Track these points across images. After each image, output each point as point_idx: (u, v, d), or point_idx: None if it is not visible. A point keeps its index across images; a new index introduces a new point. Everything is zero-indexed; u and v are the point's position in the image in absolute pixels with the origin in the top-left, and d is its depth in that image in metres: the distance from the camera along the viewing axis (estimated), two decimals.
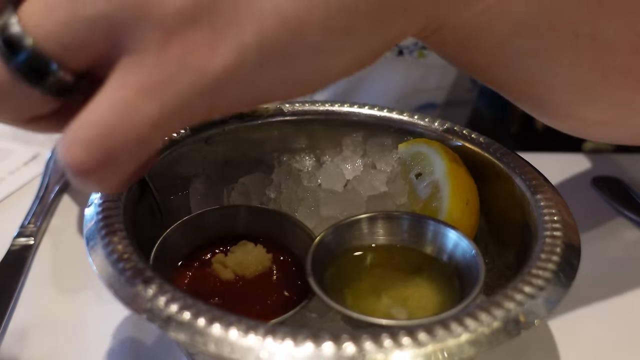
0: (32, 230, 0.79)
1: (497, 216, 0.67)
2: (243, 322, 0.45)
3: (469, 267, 0.55)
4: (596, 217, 0.85)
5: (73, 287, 0.71)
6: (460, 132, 0.71)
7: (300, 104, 0.75)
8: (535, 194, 0.60)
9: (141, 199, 0.62)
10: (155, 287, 0.47)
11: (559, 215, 0.57)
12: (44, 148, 0.98)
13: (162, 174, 0.67)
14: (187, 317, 0.45)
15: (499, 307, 0.47)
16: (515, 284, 0.50)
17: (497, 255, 0.65)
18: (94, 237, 0.53)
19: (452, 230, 0.58)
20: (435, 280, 0.57)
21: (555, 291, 0.50)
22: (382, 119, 0.75)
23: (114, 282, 0.49)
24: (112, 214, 0.56)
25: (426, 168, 0.65)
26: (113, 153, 0.39)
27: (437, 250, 0.59)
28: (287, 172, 0.71)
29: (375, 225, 0.60)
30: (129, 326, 0.65)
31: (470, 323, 0.46)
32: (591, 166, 0.96)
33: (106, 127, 0.39)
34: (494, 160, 0.66)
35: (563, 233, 0.55)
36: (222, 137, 0.71)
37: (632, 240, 0.80)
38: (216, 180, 0.71)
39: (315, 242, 0.57)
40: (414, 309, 0.54)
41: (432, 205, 0.63)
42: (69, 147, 0.40)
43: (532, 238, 0.57)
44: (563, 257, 0.53)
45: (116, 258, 0.50)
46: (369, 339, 0.44)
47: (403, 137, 0.73)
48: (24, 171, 0.93)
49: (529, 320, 0.48)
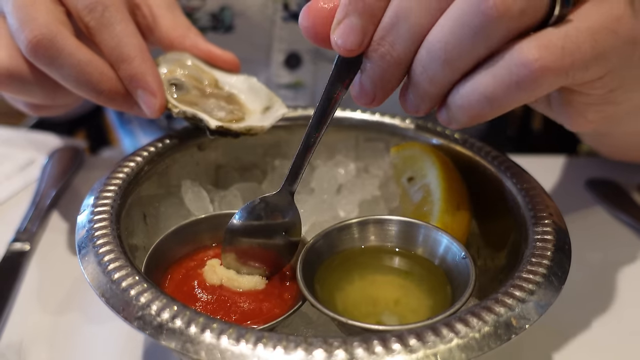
0: (28, 235, 0.79)
1: (489, 219, 0.67)
2: (234, 330, 0.45)
3: (459, 271, 0.55)
4: (589, 219, 0.85)
5: (68, 293, 0.71)
6: (453, 136, 0.71)
7: (293, 109, 0.75)
8: (527, 197, 0.61)
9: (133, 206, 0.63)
10: (147, 295, 0.48)
11: (549, 219, 0.58)
12: (40, 154, 0.98)
13: (155, 180, 0.67)
14: (178, 325, 0.46)
15: (490, 311, 0.48)
16: (506, 288, 0.50)
17: (490, 258, 0.65)
18: (86, 245, 0.53)
19: (443, 234, 0.58)
20: (426, 284, 0.57)
21: (546, 295, 0.51)
22: (375, 123, 0.75)
23: (105, 290, 0.49)
24: (104, 222, 0.56)
25: (418, 172, 0.66)
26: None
27: (428, 254, 0.59)
28: (280, 178, 0.71)
29: (366, 229, 0.61)
30: (123, 333, 0.65)
31: (461, 328, 0.46)
32: (586, 168, 0.96)
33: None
34: (486, 164, 0.67)
35: (554, 237, 0.56)
36: (215, 143, 0.72)
37: (625, 241, 0.80)
38: (209, 187, 0.71)
39: (306, 247, 0.57)
40: (404, 313, 0.54)
41: (424, 209, 0.63)
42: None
43: (523, 241, 0.57)
44: (554, 260, 0.53)
45: (108, 266, 0.51)
46: (360, 345, 0.44)
47: (396, 141, 0.73)
48: (20, 176, 0.93)
49: (520, 325, 0.48)
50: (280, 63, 0.99)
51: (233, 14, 0.94)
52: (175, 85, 0.70)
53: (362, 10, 0.49)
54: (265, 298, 0.57)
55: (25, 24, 0.62)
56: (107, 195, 0.59)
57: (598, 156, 0.99)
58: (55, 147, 0.99)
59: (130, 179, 0.63)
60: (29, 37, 0.61)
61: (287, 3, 0.93)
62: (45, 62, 0.63)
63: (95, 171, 0.94)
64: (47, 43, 0.61)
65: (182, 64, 0.73)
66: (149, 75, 0.64)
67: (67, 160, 0.95)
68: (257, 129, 0.68)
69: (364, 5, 0.49)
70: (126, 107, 0.67)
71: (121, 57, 0.64)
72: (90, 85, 0.64)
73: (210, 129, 0.66)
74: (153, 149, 0.67)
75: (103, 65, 0.64)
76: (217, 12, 0.94)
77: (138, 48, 0.65)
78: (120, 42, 0.64)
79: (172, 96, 0.69)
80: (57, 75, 0.64)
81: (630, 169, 0.95)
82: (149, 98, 0.65)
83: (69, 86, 0.64)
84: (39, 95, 0.68)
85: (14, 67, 0.65)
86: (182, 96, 0.70)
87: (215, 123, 0.66)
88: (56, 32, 0.62)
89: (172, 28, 0.73)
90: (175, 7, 0.75)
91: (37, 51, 0.62)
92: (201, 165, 0.72)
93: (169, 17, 0.73)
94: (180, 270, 0.59)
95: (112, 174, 0.62)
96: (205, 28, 0.95)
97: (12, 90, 0.67)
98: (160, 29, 0.73)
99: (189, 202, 0.68)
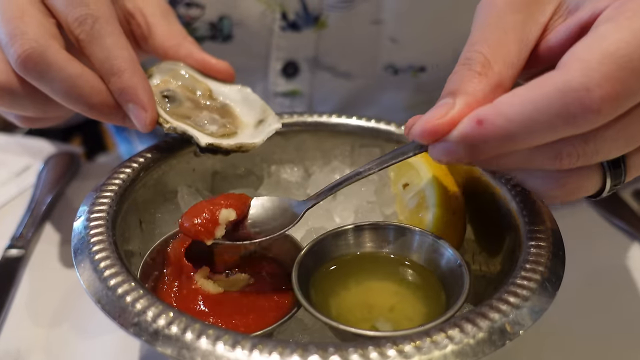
0: (24, 241, 0.79)
1: (483, 225, 0.67)
2: (230, 336, 0.45)
3: (454, 277, 0.55)
4: (584, 224, 0.85)
5: (63, 300, 0.71)
6: None
7: (289, 116, 0.75)
8: (521, 203, 0.61)
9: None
10: (143, 301, 0.48)
11: (544, 225, 0.58)
12: (35, 159, 0.98)
13: (151, 186, 0.67)
14: (174, 331, 0.46)
15: (484, 317, 0.48)
16: (501, 295, 0.50)
17: (484, 264, 0.65)
18: (82, 252, 0.53)
19: (438, 241, 0.58)
20: (420, 290, 0.57)
21: (540, 301, 0.51)
22: (370, 129, 0.75)
23: (101, 296, 0.49)
24: (100, 228, 0.56)
25: (413, 178, 0.66)
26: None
27: (423, 260, 0.59)
28: (276, 183, 0.71)
29: (362, 235, 0.61)
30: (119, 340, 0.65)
31: (455, 334, 0.46)
32: None
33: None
34: (481, 171, 0.67)
35: (548, 243, 0.56)
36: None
37: (619, 247, 0.81)
38: (205, 193, 0.71)
39: (302, 253, 0.57)
40: (399, 320, 0.54)
41: (419, 215, 0.63)
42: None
43: (517, 247, 0.58)
44: (548, 266, 0.53)
45: (104, 273, 0.51)
46: (355, 351, 0.44)
47: (391, 147, 0.73)
48: (15, 182, 0.93)
49: (514, 331, 0.48)
50: (278, 72, 1.00)
51: (232, 23, 0.94)
52: (168, 97, 0.70)
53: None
54: (260, 304, 0.57)
55: (14, 38, 0.61)
56: (103, 201, 0.59)
57: None
58: (51, 153, 0.99)
59: (126, 185, 0.63)
60: (19, 51, 0.61)
61: (286, 12, 0.93)
62: (35, 76, 0.62)
63: (91, 177, 0.94)
64: (37, 57, 0.61)
65: (175, 74, 0.72)
66: (139, 88, 0.64)
67: (62, 167, 0.95)
68: (248, 146, 0.67)
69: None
70: (118, 120, 0.66)
71: (111, 70, 0.63)
72: (81, 99, 0.63)
73: (201, 146, 0.65)
74: (149, 155, 0.67)
75: (94, 79, 0.63)
76: (216, 21, 0.94)
77: (128, 61, 0.64)
78: (110, 55, 0.63)
79: (164, 109, 0.68)
80: (47, 89, 0.63)
81: None
82: (139, 112, 0.64)
83: (59, 100, 0.64)
84: (30, 109, 0.68)
85: (4, 81, 0.64)
86: (174, 109, 0.69)
87: (206, 140, 0.65)
88: (46, 46, 0.61)
89: (166, 37, 0.73)
90: (170, 15, 0.75)
91: (26, 65, 0.61)
92: (197, 172, 0.72)
93: (163, 25, 0.73)
94: (176, 275, 0.59)
95: (108, 180, 0.63)
96: (203, 37, 0.95)
97: (2, 104, 0.67)
98: (155, 37, 0.73)
99: (185, 208, 0.68)
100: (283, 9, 0.93)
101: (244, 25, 0.94)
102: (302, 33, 0.95)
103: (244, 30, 0.95)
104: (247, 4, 0.93)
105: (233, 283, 0.59)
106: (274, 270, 0.60)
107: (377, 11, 0.93)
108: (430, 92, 1.07)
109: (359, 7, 0.92)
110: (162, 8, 0.75)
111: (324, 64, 1.00)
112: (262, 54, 0.98)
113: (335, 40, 0.96)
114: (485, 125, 0.46)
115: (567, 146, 0.47)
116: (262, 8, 0.93)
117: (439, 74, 1.04)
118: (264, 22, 0.94)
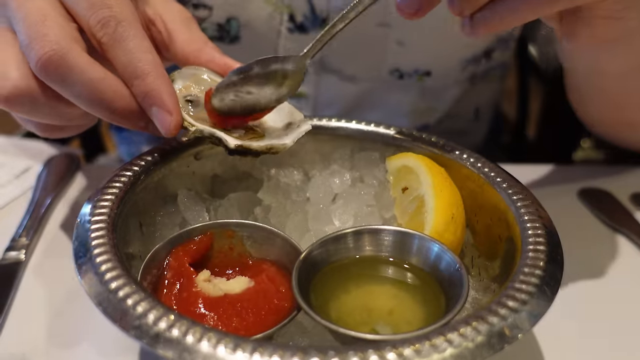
0: (24, 244, 0.79)
1: (482, 230, 0.68)
2: (231, 339, 0.46)
3: (453, 281, 0.56)
4: (582, 228, 0.86)
5: (64, 302, 0.71)
6: (447, 147, 0.72)
7: None
8: (520, 208, 0.61)
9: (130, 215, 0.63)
10: (144, 304, 0.48)
11: (542, 229, 0.58)
12: (35, 161, 0.98)
13: (151, 189, 0.67)
14: (175, 334, 0.46)
15: (483, 321, 0.48)
16: (499, 298, 0.51)
17: (483, 268, 0.66)
18: (83, 255, 0.54)
19: (437, 245, 0.59)
20: (420, 294, 0.57)
21: (538, 305, 0.51)
22: (370, 133, 0.76)
23: (102, 299, 0.49)
24: (101, 231, 0.56)
25: (412, 182, 0.66)
26: None
27: (422, 264, 0.60)
28: (276, 187, 0.71)
29: (361, 239, 0.61)
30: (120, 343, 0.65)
31: (454, 338, 0.47)
32: (580, 177, 0.97)
33: None
34: (480, 175, 0.67)
35: (547, 247, 0.56)
36: (211, 152, 0.72)
37: (618, 251, 0.81)
38: (205, 196, 0.71)
39: (302, 257, 0.58)
40: (399, 323, 0.55)
41: (418, 219, 0.63)
42: None
43: (516, 252, 0.58)
44: (546, 271, 0.54)
45: (105, 275, 0.51)
46: (355, 354, 0.45)
47: (390, 151, 0.74)
48: (15, 184, 0.94)
49: (512, 335, 0.49)
50: None
51: (239, 24, 0.94)
52: (191, 102, 0.68)
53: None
54: (261, 307, 0.57)
55: (35, 41, 0.60)
56: (104, 204, 0.60)
57: (592, 165, 1.00)
58: (51, 154, 0.99)
59: (126, 188, 0.63)
60: (39, 53, 0.59)
61: (294, 14, 0.94)
62: (56, 79, 0.60)
63: (91, 179, 0.94)
64: (57, 60, 0.59)
65: (198, 78, 0.71)
66: (164, 92, 0.62)
67: (62, 168, 0.95)
68: (278, 147, 0.65)
69: None
70: (141, 125, 0.64)
71: (135, 74, 0.61)
72: (103, 104, 0.61)
73: (230, 148, 0.63)
74: (149, 158, 0.68)
75: (116, 83, 0.61)
76: (224, 22, 0.94)
77: (152, 64, 0.62)
78: (133, 58, 0.61)
79: (188, 113, 0.66)
80: (68, 94, 0.61)
81: (623, 179, 0.96)
82: (164, 116, 0.62)
83: (81, 105, 0.62)
84: (50, 116, 0.65)
85: (25, 86, 0.62)
86: (197, 113, 0.67)
87: (235, 142, 0.63)
88: (67, 49, 0.59)
89: (187, 43, 0.71)
90: (191, 21, 0.74)
91: (47, 68, 0.59)
92: (197, 175, 0.73)
93: (184, 32, 0.72)
94: (177, 278, 0.59)
95: (109, 183, 0.63)
96: (211, 38, 0.95)
97: (23, 110, 0.64)
98: (176, 44, 0.71)
99: (185, 211, 0.68)
100: (291, 11, 0.93)
101: (251, 26, 0.95)
102: (310, 35, 0.95)
103: (252, 31, 0.95)
104: (255, 6, 0.93)
105: (233, 286, 0.59)
106: (273, 274, 0.61)
107: (384, 14, 0.94)
108: (436, 97, 1.08)
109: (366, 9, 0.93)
110: (182, 15, 0.74)
111: (330, 66, 1.00)
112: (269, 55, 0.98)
113: (342, 42, 0.97)
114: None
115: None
116: (270, 10, 0.93)
117: (444, 79, 1.05)
118: (271, 24, 0.95)
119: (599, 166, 1.11)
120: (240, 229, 0.64)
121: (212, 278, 0.60)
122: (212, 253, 0.63)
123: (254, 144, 0.64)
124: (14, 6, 0.63)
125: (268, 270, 0.61)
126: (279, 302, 0.58)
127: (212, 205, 0.70)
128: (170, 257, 0.60)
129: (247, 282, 0.60)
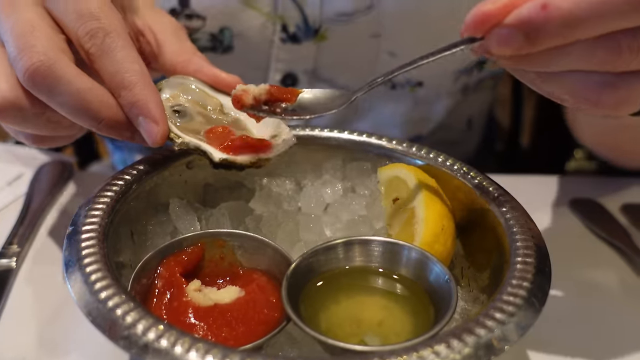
0: (15, 251, 0.79)
1: (472, 241, 0.68)
2: (219, 350, 0.46)
3: (442, 292, 0.56)
4: (572, 239, 0.86)
5: (54, 310, 0.71)
6: (438, 158, 0.72)
7: None
8: (509, 220, 0.62)
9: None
10: (133, 314, 0.48)
11: (531, 241, 0.59)
12: (28, 168, 0.98)
13: (143, 198, 0.67)
14: (164, 345, 0.46)
15: (470, 333, 0.49)
16: (487, 310, 0.51)
17: (473, 279, 0.66)
18: (73, 264, 0.54)
19: (427, 256, 0.59)
20: (409, 306, 0.58)
21: (526, 317, 0.52)
22: (362, 143, 0.76)
23: (91, 309, 0.50)
24: (92, 240, 0.56)
25: (403, 193, 0.67)
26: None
27: (412, 275, 0.60)
28: (268, 196, 0.72)
29: (352, 250, 0.61)
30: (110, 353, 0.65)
31: (441, 349, 0.47)
32: (571, 188, 0.97)
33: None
34: (470, 187, 0.68)
35: (535, 259, 0.57)
36: (203, 162, 0.72)
37: (608, 262, 0.82)
38: (197, 205, 0.71)
39: (292, 267, 0.58)
40: (387, 334, 0.55)
41: (408, 230, 0.64)
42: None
43: (504, 263, 0.59)
44: (534, 282, 0.54)
45: (94, 285, 0.51)
46: None
47: (382, 162, 0.74)
48: (7, 191, 0.93)
49: (500, 346, 0.49)
50: (277, 83, 1.00)
51: (233, 34, 0.95)
52: (178, 112, 0.68)
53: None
54: (250, 317, 0.57)
55: (23, 52, 0.60)
56: (95, 213, 0.60)
57: (584, 176, 1.00)
58: (43, 161, 0.99)
59: (118, 197, 0.63)
60: (27, 64, 0.60)
61: (286, 24, 0.94)
62: (43, 90, 0.61)
63: (83, 187, 0.94)
64: (45, 70, 0.59)
65: (185, 88, 0.71)
66: (150, 101, 0.62)
67: (55, 176, 0.95)
68: (262, 161, 0.66)
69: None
70: (127, 135, 0.64)
71: (122, 84, 0.62)
72: (90, 114, 0.61)
73: (214, 162, 0.64)
74: (142, 167, 0.68)
75: (103, 93, 0.62)
76: (217, 32, 0.94)
77: (140, 74, 0.63)
78: (121, 69, 0.62)
79: (175, 124, 0.66)
80: (55, 104, 0.62)
81: (614, 190, 0.96)
82: (150, 126, 0.62)
83: (68, 115, 0.62)
84: (39, 127, 0.66)
85: (13, 98, 0.62)
86: (185, 124, 0.68)
87: (219, 156, 0.64)
88: (55, 60, 0.60)
89: (176, 54, 0.72)
90: (180, 32, 0.74)
91: (35, 79, 0.60)
92: (189, 184, 0.73)
93: (174, 42, 0.72)
94: (167, 288, 0.59)
95: (100, 192, 0.63)
96: (204, 48, 0.95)
97: (12, 121, 0.65)
98: (165, 55, 0.72)
99: (176, 220, 0.68)
100: (284, 21, 0.94)
101: (244, 36, 0.95)
102: (302, 45, 0.96)
103: (245, 41, 0.96)
104: (248, 16, 0.94)
105: (223, 296, 0.59)
106: (264, 284, 0.61)
107: (377, 25, 0.94)
108: (428, 107, 1.08)
109: (359, 20, 0.93)
110: (172, 26, 0.74)
111: (323, 76, 1.01)
112: (262, 65, 0.99)
113: (335, 53, 0.97)
114: (549, 9, 0.46)
115: (627, 37, 0.48)
116: (263, 20, 0.94)
117: (436, 89, 1.05)
118: (264, 34, 0.95)
119: (591, 177, 1.12)
120: (231, 238, 0.64)
121: (203, 288, 0.60)
122: (203, 262, 0.63)
123: (239, 158, 0.65)
124: (2, 17, 0.63)
125: (258, 280, 0.61)
126: (269, 312, 0.58)
127: (204, 214, 0.70)
128: (161, 267, 0.60)
129: (238, 291, 0.60)
